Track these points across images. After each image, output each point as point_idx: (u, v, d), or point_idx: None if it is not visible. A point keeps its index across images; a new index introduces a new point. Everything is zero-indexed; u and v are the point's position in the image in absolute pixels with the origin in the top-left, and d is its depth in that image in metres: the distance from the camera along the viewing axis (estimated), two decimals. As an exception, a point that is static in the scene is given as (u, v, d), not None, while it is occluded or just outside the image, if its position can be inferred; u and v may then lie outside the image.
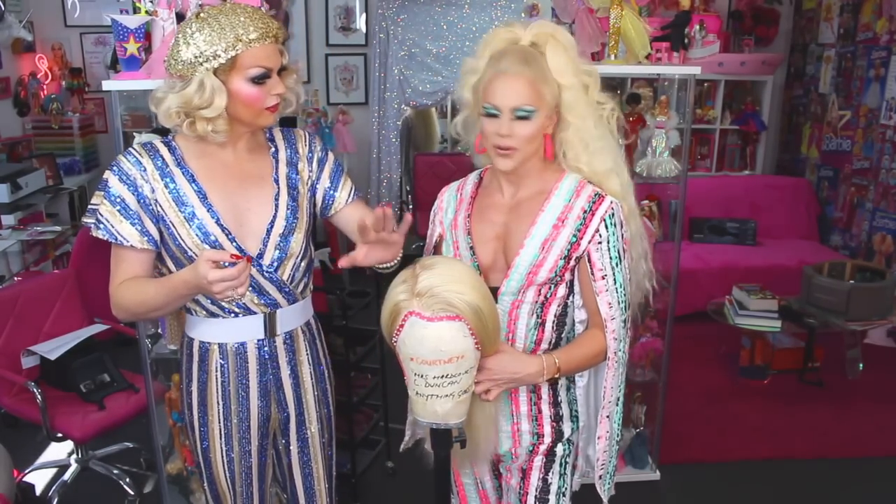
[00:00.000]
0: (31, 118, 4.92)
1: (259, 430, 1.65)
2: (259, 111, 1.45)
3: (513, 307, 1.47)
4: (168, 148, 1.51)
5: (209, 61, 1.38)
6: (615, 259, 1.45)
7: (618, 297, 1.45)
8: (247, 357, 1.59)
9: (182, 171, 1.49)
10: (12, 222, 3.70)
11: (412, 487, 1.43)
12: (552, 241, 1.44)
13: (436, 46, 5.25)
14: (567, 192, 1.46)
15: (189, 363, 1.63)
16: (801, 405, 3.60)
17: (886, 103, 4.47)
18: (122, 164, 1.47)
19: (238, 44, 1.38)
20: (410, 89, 5.34)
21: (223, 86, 1.40)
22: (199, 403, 1.62)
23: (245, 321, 1.56)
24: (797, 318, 3.75)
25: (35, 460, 3.07)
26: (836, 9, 5.02)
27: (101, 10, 5.02)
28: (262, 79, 1.42)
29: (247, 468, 1.67)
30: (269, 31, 1.42)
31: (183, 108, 1.41)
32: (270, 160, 1.59)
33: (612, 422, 1.53)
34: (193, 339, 1.61)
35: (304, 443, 1.72)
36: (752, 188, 5.21)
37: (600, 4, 2.47)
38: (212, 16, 1.39)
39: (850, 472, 3.06)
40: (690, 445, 3.21)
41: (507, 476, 1.61)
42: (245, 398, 1.61)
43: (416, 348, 1.23)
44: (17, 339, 2.75)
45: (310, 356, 1.69)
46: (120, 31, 2.09)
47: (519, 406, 1.54)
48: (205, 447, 1.64)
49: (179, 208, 1.47)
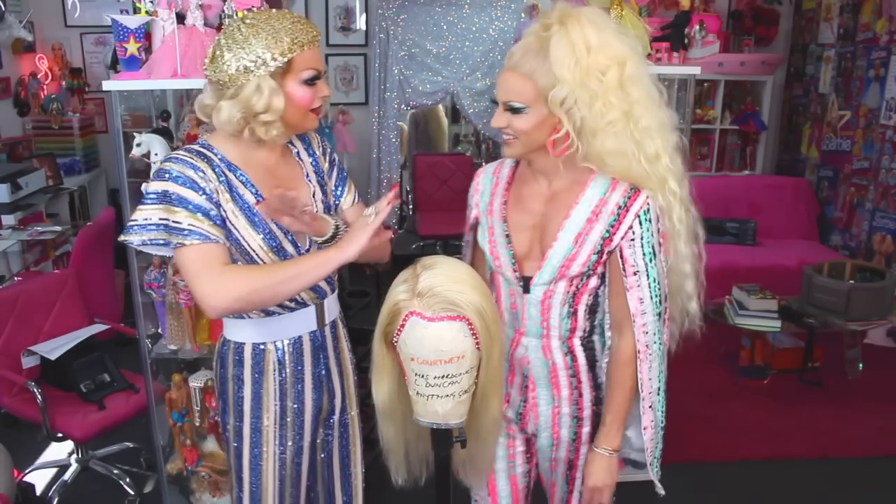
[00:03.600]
0: (32, 118, 4.92)
1: (312, 423, 1.68)
2: (306, 113, 1.49)
3: (545, 297, 1.50)
4: (211, 152, 1.50)
5: (266, 65, 1.40)
6: (648, 255, 1.45)
7: (650, 293, 1.46)
8: (302, 350, 1.63)
9: (234, 174, 1.49)
10: (12, 222, 3.70)
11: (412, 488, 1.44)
12: (585, 236, 1.45)
13: (436, 46, 5.25)
14: (603, 185, 1.45)
15: (239, 368, 1.61)
16: (801, 405, 3.60)
17: (886, 103, 4.47)
18: (177, 171, 1.42)
19: (295, 47, 1.41)
20: (410, 89, 5.34)
21: (279, 88, 1.43)
22: (254, 408, 1.61)
23: (300, 314, 1.60)
24: (797, 318, 3.75)
25: (35, 460, 3.07)
26: (836, 9, 5.02)
27: (101, 10, 5.02)
28: (314, 80, 1.46)
29: (296, 466, 1.68)
30: (317, 35, 1.48)
31: (245, 113, 1.43)
32: (297, 161, 1.62)
33: (655, 411, 1.54)
34: (243, 344, 1.60)
35: (346, 428, 1.77)
36: (752, 188, 5.21)
37: (600, 4, 2.47)
38: (262, 20, 1.42)
39: (850, 472, 3.06)
40: (690, 445, 3.21)
41: (552, 464, 1.63)
42: (301, 393, 1.64)
43: (416, 348, 1.23)
44: (17, 339, 2.75)
45: (348, 343, 1.77)
46: (120, 31, 2.09)
47: (560, 389, 1.56)
48: (256, 453, 1.63)
49: (242, 210, 1.48)
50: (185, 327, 2.40)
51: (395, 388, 1.34)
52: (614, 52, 1.37)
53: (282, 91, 1.43)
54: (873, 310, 3.71)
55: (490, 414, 1.36)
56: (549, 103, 1.36)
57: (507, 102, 1.40)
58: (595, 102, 1.35)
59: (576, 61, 1.33)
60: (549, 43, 1.35)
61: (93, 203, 5.02)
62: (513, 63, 1.38)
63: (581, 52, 1.33)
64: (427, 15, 5.23)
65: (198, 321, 2.40)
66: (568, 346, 1.55)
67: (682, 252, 1.57)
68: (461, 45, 5.23)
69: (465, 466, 1.48)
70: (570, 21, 1.35)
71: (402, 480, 1.45)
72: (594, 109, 1.36)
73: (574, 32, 1.34)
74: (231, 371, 1.62)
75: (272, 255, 1.51)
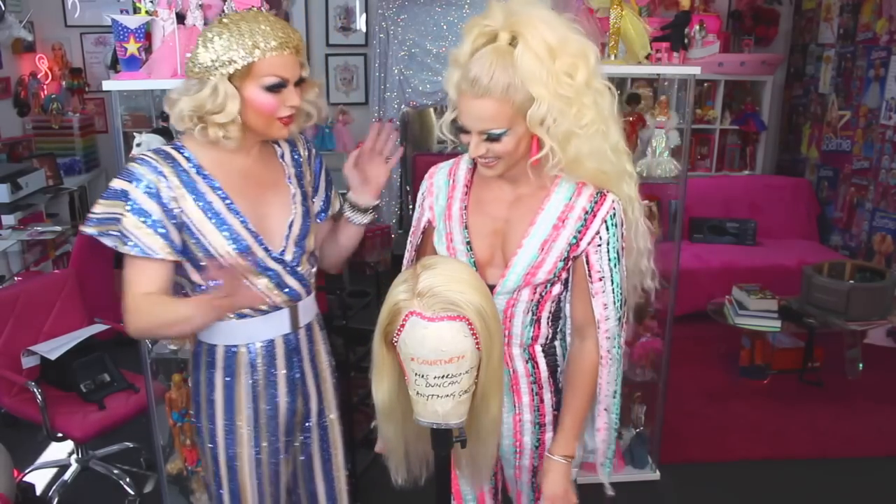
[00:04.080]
0: (32, 118, 4.92)
1: (286, 425, 1.66)
2: (271, 121, 1.45)
3: (508, 305, 1.47)
4: (181, 154, 1.48)
5: (225, 66, 1.38)
6: (613, 260, 1.44)
7: (614, 298, 1.45)
8: (275, 353, 1.61)
9: (202, 178, 1.47)
10: (12, 222, 3.70)
11: (412, 487, 1.44)
12: (552, 242, 1.43)
13: (436, 46, 5.25)
14: (568, 190, 1.43)
15: (210, 370, 1.60)
16: (801, 405, 3.60)
17: (886, 103, 4.47)
18: (140, 173, 1.42)
19: (255, 51, 1.37)
20: (410, 89, 5.34)
21: (237, 92, 1.40)
22: (226, 410, 1.60)
23: (274, 317, 1.58)
24: (797, 318, 3.75)
25: (35, 460, 3.07)
26: (836, 9, 5.02)
27: (101, 10, 5.01)
28: (277, 88, 1.41)
29: (274, 466, 1.67)
30: (290, 41, 1.42)
31: (196, 111, 1.41)
32: (280, 163, 1.60)
33: (610, 413, 1.54)
34: (216, 346, 1.59)
35: (325, 431, 1.74)
36: (751, 188, 5.21)
37: (600, 4, 2.47)
38: (234, 21, 1.39)
39: (850, 472, 3.06)
40: (690, 445, 3.21)
41: (517, 472, 1.61)
42: (274, 395, 1.62)
43: (416, 348, 1.22)
44: (17, 339, 2.75)
45: (325, 346, 1.74)
46: (120, 31, 2.09)
47: (521, 397, 1.54)
48: (231, 455, 1.62)
49: (208, 216, 1.46)
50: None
51: (395, 387, 1.34)
52: (574, 46, 1.32)
53: (239, 95, 1.39)
54: (873, 310, 3.71)
55: (490, 414, 1.36)
56: (529, 123, 1.31)
57: (484, 131, 1.32)
58: (570, 108, 1.31)
59: (546, 72, 1.27)
60: (511, 55, 1.28)
61: (93, 203, 4.98)
62: (481, 90, 1.28)
63: (547, 60, 1.28)
64: (427, 15, 5.23)
65: (198, 321, 2.40)
66: (529, 353, 1.53)
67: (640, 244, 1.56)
68: (461, 45, 5.23)
69: (465, 467, 1.48)
70: (525, 29, 1.28)
71: (401, 480, 1.45)
72: (570, 116, 1.32)
73: (534, 40, 1.27)
74: (203, 373, 1.61)
75: (241, 261, 1.49)
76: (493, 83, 1.28)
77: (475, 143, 1.35)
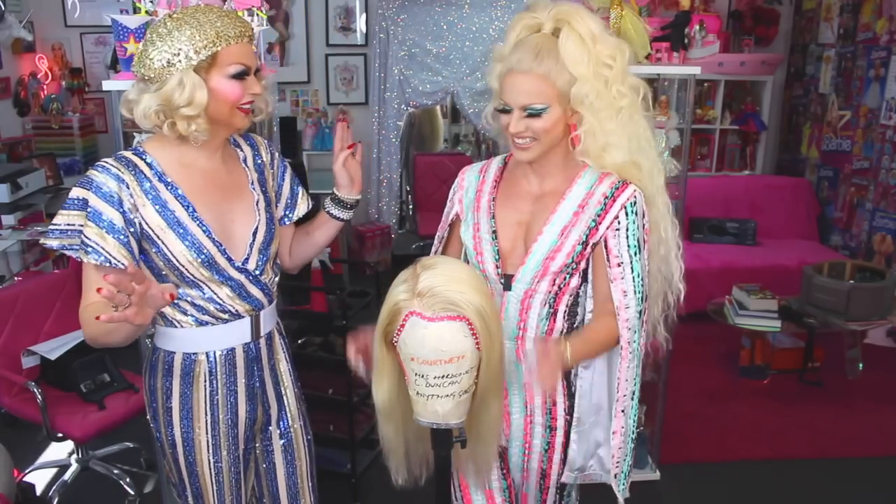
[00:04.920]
0: (32, 118, 4.92)
1: (245, 433, 1.65)
2: (234, 109, 1.45)
3: (525, 296, 1.48)
4: (141, 160, 1.45)
5: (189, 59, 1.37)
6: (633, 248, 1.44)
7: (634, 287, 1.45)
8: (235, 362, 1.59)
9: (165, 186, 1.45)
10: (12, 222, 3.70)
11: (412, 487, 1.44)
12: (571, 228, 1.45)
13: (436, 46, 5.25)
14: (590, 180, 1.47)
15: (167, 378, 1.57)
16: (801, 405, 3.60)
17: (886, 103, 4.47)
18: (100, 181, 1.39)
19: (219, 40, 1.38)
20: (410, 89, 5.34)
21: (203, 82, 1.39)
22: (183, 418, 1.58)
23: (235, 325, 1.56)
24: (797, 318, 3.75)
25: (35, 460, 3.07)
26: (836, 9, 5.02)
27: (101, 10, 5.01)
28: (241, 76, 1.43)
29: (235, 475, 1.65)
30: (246, 30, 1.44)
31: (163, 107, 1.39)
32: (243, 168, 1.60)
33: (627, 417, 1.53)
34: (174, 353, 1.56)
35: (289, 440, 1.73)
36: (752, 188, 5.21)
37: (600, 4, 2.47)
38: (188, 14, 1.39)
39: (850, 472, 3.06)
40: (690, 445, 3.21)
41: (524, 475, 1.61)
42: (234, 404, 1.60)
43: (416, 348, 1.23)
44: (17, 339, 2.75)
45: (286, 354, 1.72)
46: (120, 31, 2.09)
47: (533, 398, 1.54)
48: (190, 461, 1.60)
49: (170, 225, 1.44)
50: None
51: (396, 387, 1.34)
52: (612, 40, 1.43)
53: (205, 85, 1.39)
54: (873, 310, 3.71)
55: (490, 414, 1.36)
56: (573, 101, 1.38)
57: (527, 106, 1.38)
58: (609, 91, 1.39)
59: (588, 54, 1.36)
60: (555, 42, 1.37)
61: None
62: (525, 66, 1.36)
63: (590, 43, 1.37)
64: (427, 15, 5.23)
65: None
66: None
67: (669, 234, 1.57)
68: (461, 45, 5.23)
69: (465, 467, 1.48)
70: (571, 17, 1.38)
71: (402, 480, 1.45)
72: (609, 98, 1.39)
73: (580, 26, 1.37)
74: (160, 381, 1.58)
75: (204, 270, 1.47)
76: (537, 61, 1.36)
77: (516, 119, 1.40)
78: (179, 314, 1.53)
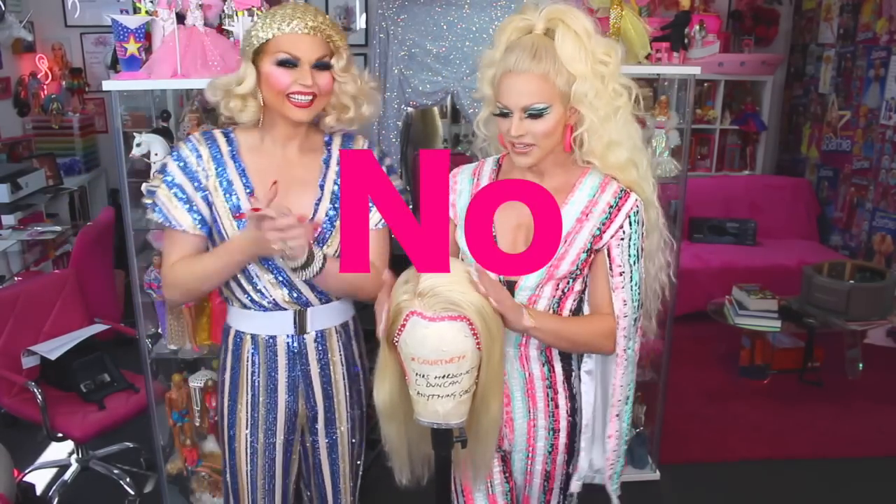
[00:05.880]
0: (32, 118, 4.91)
1: (286, 424, 1.68)
2: (283, 98, 1.47)
3: (530, 302, 1.47)
4: (226, 138, 1.57)
5: (251, 43, 1.48)
6: (634, 257, 1.45)
7: (632, 295, 1.45)
8: (276, 351, 1.63)
9: (235, 164, 1.55)
10: (12, 222, 3.70)
11: (412, 487, 1.44)
12: (575, 235, 1.44)
13: (436, 46, 5.24)
14: (591, 187, 1.45)
15: (225, 352, 1.69)
16: (801, 405, 3.60)
17: (886, 103, 4.47)
18: (181, 151, 1.55)
19: (275, 29, 1.45)
20: (410, 89, 5.34)
21: (254, 67, 1.49)
22: (231, 391, 1.67)
23: (275, 316, 1.60)
24: (797, 318, 3.75)
25: (35, 460, 3.07)
26: (836, 9, 5.03)
27: (101, 10, 5.01)
28: (287, 64, 1.46)
29: (269, 461, 1.68)
30: (312, 24, 1.46)
31: (225, 85, 1.51)
32: (321, 165, 1.60)
33: (621, 421, 1.53)
34: (231, 328, 1.67)
35: (334, 442, 1.74)
36: (751, 188, 5.21)
37: (600, 4, 2.47)
38: (273, 9, 1.49)
39: (850, 472, 3.06)
40: (690, 445, 3.21)
41: (528, 478, 1.60)
42: (273, 391, 1.65)
43: (417, 348, 1.23)
44: (17, 339, 2.75)
45: (343, 357, 1.70)
46: (120, 31, 2.09)
47: (536, 402, 1.54)
48: (231, 435, 1.67)
49: (227, 199, 1.53)
50: (186, 327, 2.40)
51: (397, 387, 1.34)
52: (604, 39, 1.43)
53: (255, 69, 1.48)
54: (873, 310, 3.71)
55: (490, 414, 1.36)
56: (573, 100, 1.37)
57: (528, 106, 1.35)
58: (607, 88, 1.39)
59: (585, 52, 1.36)
60: (550, 42, 1.36)
61: (93, 203, 5.02)
62: (523, 67, 1.34)
63: (586, 41, 1.36)
64: (427, 15, 5.22)
65: (198, 321, 2.41)
66: (546, 356, 1.52)
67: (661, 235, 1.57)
68: (461, 45, 5.23)
69: (465, 467, 1.48)
70: (565, 16, 1.37)
71: (405, 480, 1.45)
72: (606, 96, 1.39)
73: (575, 24, 1.36)
74: (222, 354, 1.71)
75: None
76: (535, 61, 1.34)
77: (516, 122, 1.37)
78: (229, 293, 1.61)
